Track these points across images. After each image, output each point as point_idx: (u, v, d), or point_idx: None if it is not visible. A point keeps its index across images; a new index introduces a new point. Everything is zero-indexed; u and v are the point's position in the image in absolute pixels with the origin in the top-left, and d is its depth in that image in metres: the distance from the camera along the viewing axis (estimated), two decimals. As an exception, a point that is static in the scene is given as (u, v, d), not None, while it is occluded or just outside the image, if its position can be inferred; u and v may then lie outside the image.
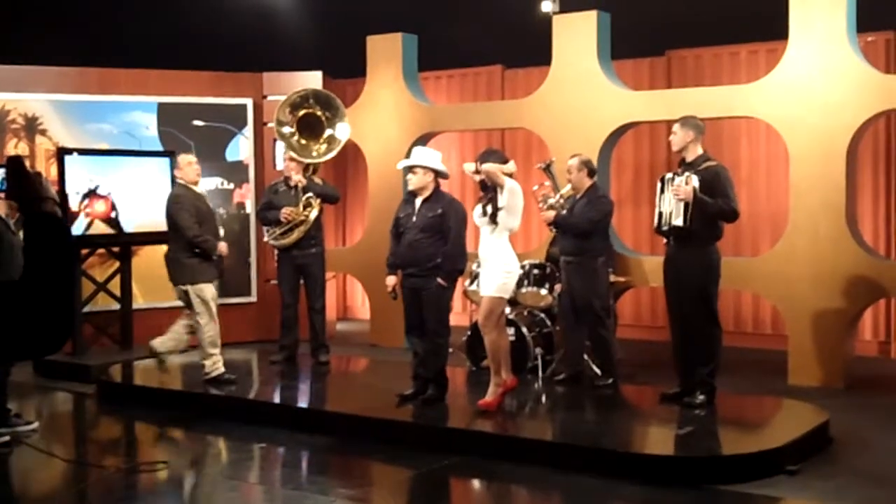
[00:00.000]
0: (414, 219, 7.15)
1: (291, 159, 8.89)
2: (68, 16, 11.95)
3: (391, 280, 7.31)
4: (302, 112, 8.98)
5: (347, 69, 11.82)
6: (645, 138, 10.95)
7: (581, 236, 7.79)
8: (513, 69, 11.84)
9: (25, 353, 2.61)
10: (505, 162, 6.98)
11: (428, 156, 7.22)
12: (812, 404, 7.16)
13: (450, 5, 11.93)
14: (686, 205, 6.84)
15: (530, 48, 10.70)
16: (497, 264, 6.88)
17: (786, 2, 8.49)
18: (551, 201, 7.94)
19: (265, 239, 9.11)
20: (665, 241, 7.20)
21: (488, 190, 6.93)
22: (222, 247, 8.14)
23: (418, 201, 7.18)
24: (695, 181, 6.84)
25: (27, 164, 2.85)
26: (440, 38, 11.25)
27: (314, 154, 8.94)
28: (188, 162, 8.17)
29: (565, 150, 8.66)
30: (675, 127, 7.15)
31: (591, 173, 7.96)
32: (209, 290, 8.01)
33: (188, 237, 7.94)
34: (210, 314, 7.99)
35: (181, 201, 8.04)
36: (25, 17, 12.01)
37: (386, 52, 10.69)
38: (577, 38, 9.50)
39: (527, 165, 10.59)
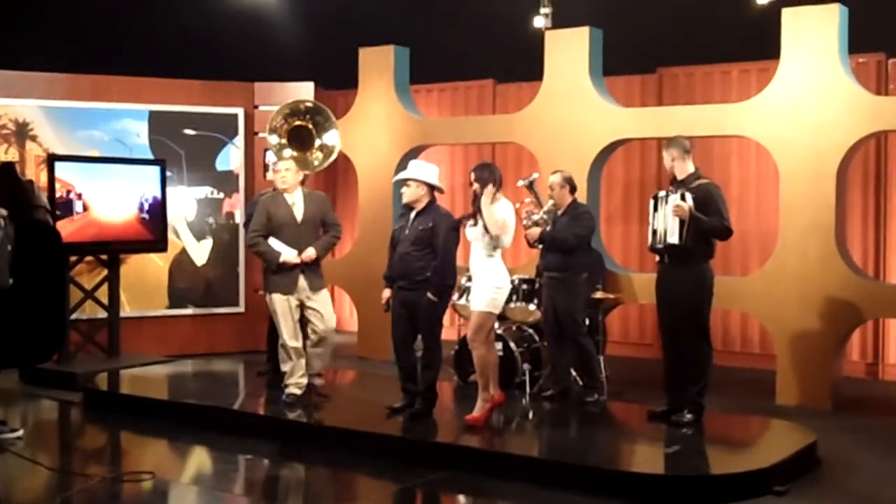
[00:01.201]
0: (407, 232, 7.15)
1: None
2: (62, 23, 11.93)
3: (387, 293, 7.30)
4: (296, 122, 8.89)
5: (339, 80, 11.82)
6: (636, 155, 10.96)
7: (567, 252, 7.79)
8: (504, 84, 11.85)
9: (16, 361, 2.58)
10: (498, 177, 6.99)
11: (423, 169, 7.20)
12: (800, 425, 7.16)
13: (442, 19, 11.95)
14: (682, 222, 6.83)
15: (522, 63, 10.72)
16: (487, 279, 6.87)
17: (778, 22, 8.53)
18: (535, 218, 7.92)
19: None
20: (657, 258, 7.20)
21: (477, 200, 6.92)
22: (290, 257, 7.59)
23: (413, 214, 7.18)
24: (689, 199, 6.84)
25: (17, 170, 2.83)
26: (432, 52, 11.27)
27: (315, 163, 8.83)
28: (276, 169, 7.87)
29: (556, 165, 8.64)
30: (664, 151, 7.18)
31: (573, 189, 7.99)
32: (277, 301, 7.60)
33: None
34: (281, 326, 7.58)
35: (256, 207, 7.87)
36: (20, 24, 11.99)
37: (378, 64, 10.69)
38: (569, 53, 9.52)
39: (517, 180, 10.56)
